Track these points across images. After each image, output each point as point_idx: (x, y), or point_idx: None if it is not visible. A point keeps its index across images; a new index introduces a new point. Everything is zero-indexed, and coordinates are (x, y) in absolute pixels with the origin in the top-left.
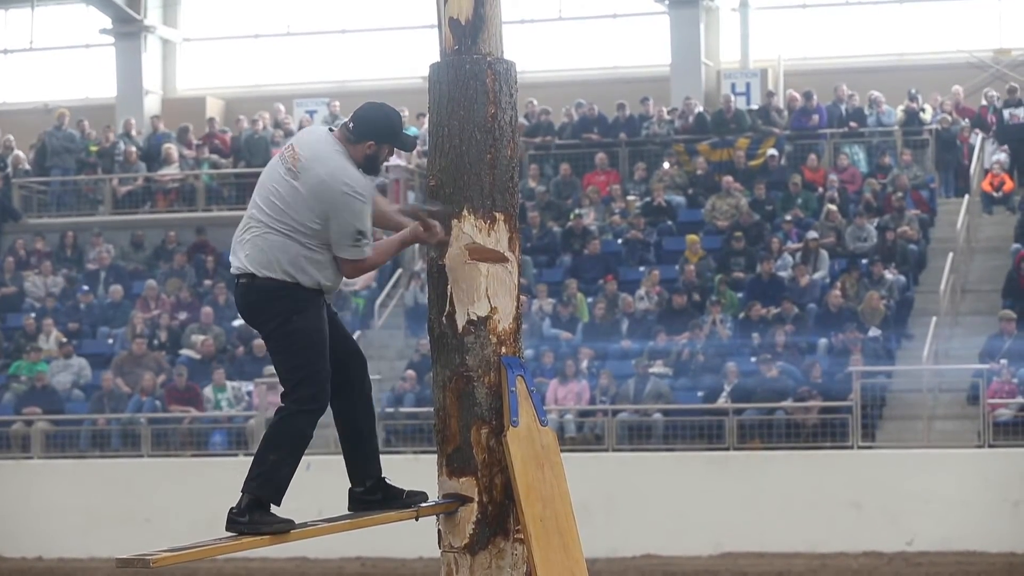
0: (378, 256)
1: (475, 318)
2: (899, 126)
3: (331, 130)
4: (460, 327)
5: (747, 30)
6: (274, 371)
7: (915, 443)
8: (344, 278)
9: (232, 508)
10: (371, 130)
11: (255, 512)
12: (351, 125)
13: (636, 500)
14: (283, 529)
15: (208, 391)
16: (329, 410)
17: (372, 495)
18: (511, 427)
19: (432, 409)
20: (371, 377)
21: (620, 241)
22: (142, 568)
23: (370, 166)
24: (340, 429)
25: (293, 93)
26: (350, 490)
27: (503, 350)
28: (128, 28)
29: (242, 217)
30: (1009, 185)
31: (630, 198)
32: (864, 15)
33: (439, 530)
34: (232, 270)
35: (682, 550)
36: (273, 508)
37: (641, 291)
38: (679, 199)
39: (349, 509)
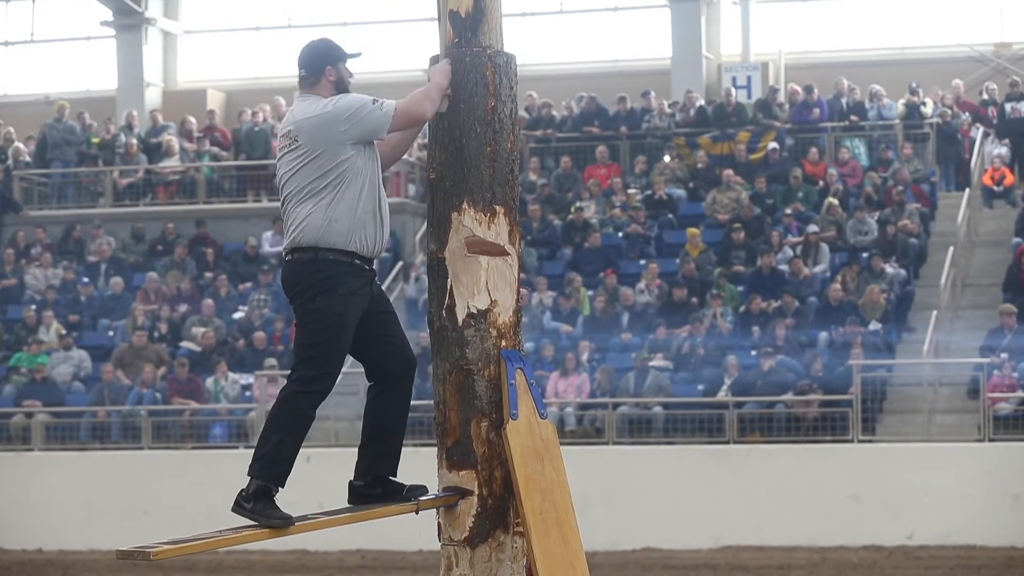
0: (431, 95)
1: (475, 311)
2: (900, 120)
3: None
4: (460, 320)
5: (748, 23)
6: (274, 363)
7: (915, 437)
8: (401, 129)
9: (241, 490)
10: (321, 60)
11: (261, 500)
12: (303, 73)
13: (636, 493)
14: (282, 525)
15: (210, 383)
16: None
17: (372, 489)
18: (511, 420)
19: (432, 402)
20: None
21: (621, 234)
22: (143, 560)
23: (341, 90)
24: (365, 419)
25: (294, 86)
26: (350, 483)
27: (503, 343)
28: (129, 20)
29: (241, 208)
30: (1010, 179)
31: (631, 191)
32: (865, 8)
33: (439, 523)
34: None
35: (682, 543)
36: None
37: (641, 284)
38: (680, 192)
39: (349, 502)
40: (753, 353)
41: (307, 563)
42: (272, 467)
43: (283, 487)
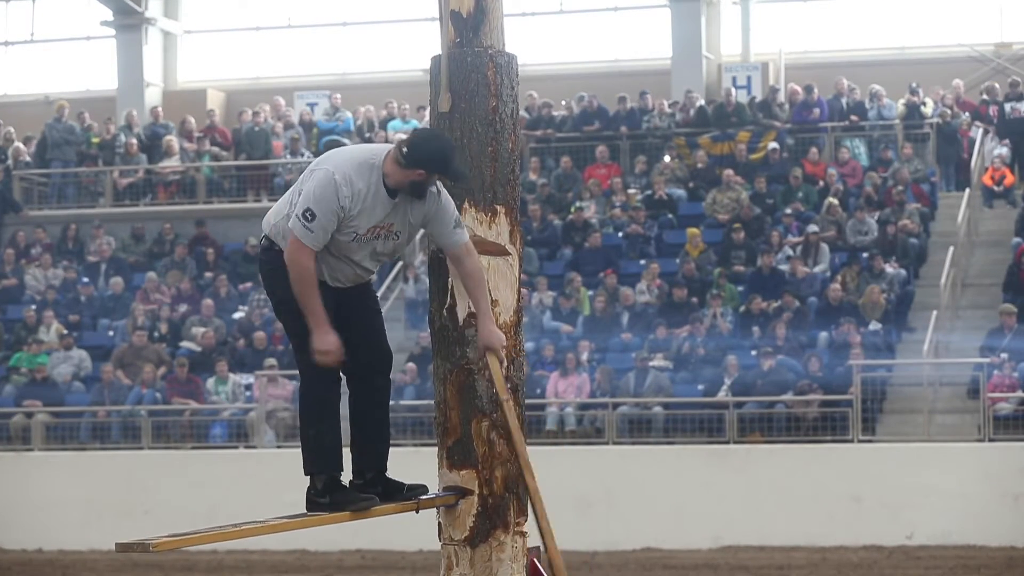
0: (306, 281)
1: None
2: (900, 120)
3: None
4: (461, 320)
5: (748, 23)
6: (274, 363)
7: (915, 437)
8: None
9: (309, 488)
10: (424, 159)
11: (334, 492)
12: (404, 150)
13: (636, 493)
14: (368, 505)
15: (211, 383)
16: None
17: (372, 488)
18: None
19: (433, 402)
20: None
21: (621, 234)
22: (142, 551)
23: (417, 191)
24: (350, 413)
25: (294, 85)
26: (350, 483)
27: None
28: (129, 20)
29: (241, 208)
30: (1010, 179)
31: (631, 191)
32: (865, 8)
33: (439, 523)
34: None
35: (682, 543)
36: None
37: (641, 284)
38: (680, 192)
39: None
40: (753, 353)
41: (307, 563)
42: (322, 458)
43: (342, 469)
